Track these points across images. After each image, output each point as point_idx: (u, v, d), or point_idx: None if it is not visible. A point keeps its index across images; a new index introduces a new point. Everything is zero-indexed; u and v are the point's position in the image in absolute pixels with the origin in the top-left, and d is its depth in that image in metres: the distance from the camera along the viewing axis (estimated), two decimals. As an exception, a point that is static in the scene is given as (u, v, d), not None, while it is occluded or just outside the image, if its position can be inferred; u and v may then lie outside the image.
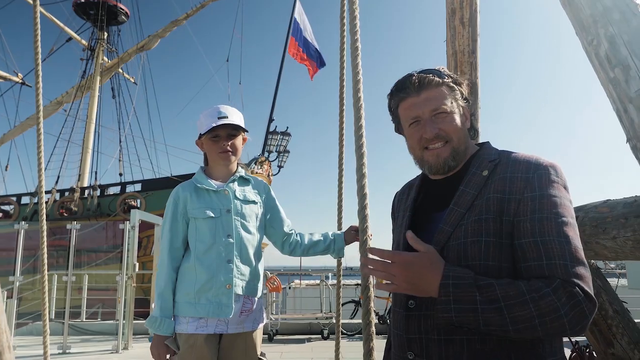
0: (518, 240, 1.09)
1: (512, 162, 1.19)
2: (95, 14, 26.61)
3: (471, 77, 3.08)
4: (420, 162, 1.31)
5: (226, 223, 1.90)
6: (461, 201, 1.18)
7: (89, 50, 26.88)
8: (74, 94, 25.45)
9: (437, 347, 1.12)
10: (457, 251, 1.13)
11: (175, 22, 24.71)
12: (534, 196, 1.10)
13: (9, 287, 7.24)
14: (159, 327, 1.83)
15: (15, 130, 26.09)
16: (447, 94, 1.26)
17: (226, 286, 1.84)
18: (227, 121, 1.91)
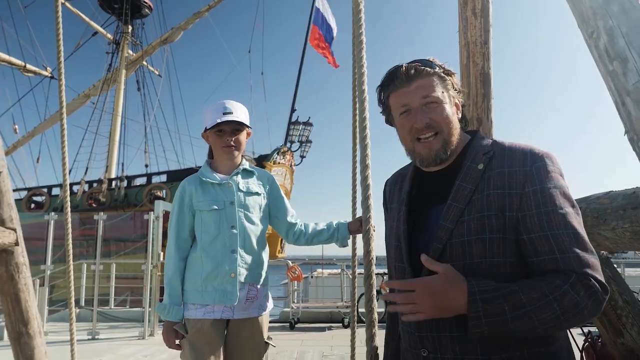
0: (527, 235, 1.11)
1: (508, 155, 1.18)
2: (120, 7, 27.04)
3: (484, 67, 3.08)
4: (411, 154, 1.30)
5: (230, 215, 1.98)
6: (459, 196, 1.18)
7: (114, 44, 27.38)
8: (100, 87, 25.99)
9: (451, 344, 1.13)
10: (462, 249, 1.13)
11: (197, 14, 24.90)
12: (536, 190, 1.12)
13: (40, 276, 7.51)
14: (168, 313, 1.95)
15: (45, 123, 26.76)
16: (438, 84, 1.25)
17: (231, 275, 1.92)
18: (231, 117, 1.98)
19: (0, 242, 3.53)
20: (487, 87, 3.09)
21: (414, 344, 1.20)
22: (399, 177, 1.44)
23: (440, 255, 1.15)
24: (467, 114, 1.34)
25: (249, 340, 1.99)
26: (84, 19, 26.78)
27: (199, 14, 24.91)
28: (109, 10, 27.58)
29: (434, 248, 1.17)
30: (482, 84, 3.08)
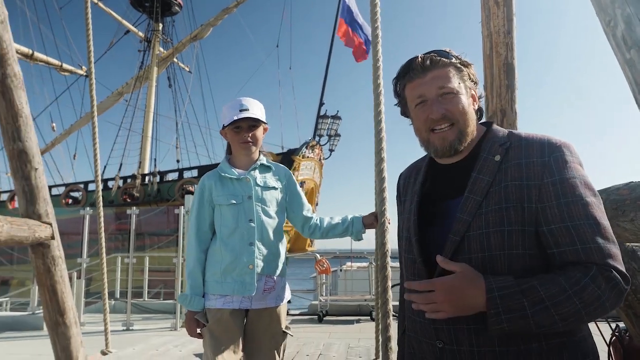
0: (547, 226, 1.10)
1: (525, 146, 1.17)
2: (151, 6, 27.52)
3: (507, 58, 3.04)
4: (426, 145, 1.28)
5: (248, 208, 2.04)
6: (476, 188, 1.16)
7: (145, 41, 27.91)
8: (133, 85, 26.56)
9: (467, 336, 1.13)
10: (480, 241, 1.12)
11: (226, 10, 25.13)
12: (555, 181, 1.10)
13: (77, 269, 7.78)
14: (189, 303, 2.03)
15: (81, 121, 27.53)
16: (454, 74, 1.23)
17: (249, 266, 1.99)
18: (248, 114, 2.04)
19: (36, 236, 3.69)
20: (510, 77, 3.05)
21: (428, 335, 1.20)
22: (413, 170, 1.43)
23: (457, 248, 1.14)
24: (482, 106, 1.32)
25: (267, 329, 2.06)
26: (116, 18, 27.37)
27: (228, 10, 25.13)
28: (140, 9, 28.13)
29: (451, 240, 1.15)
30: (505, 74, 3.04)
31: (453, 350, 1.14)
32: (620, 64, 1.42)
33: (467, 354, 1.12)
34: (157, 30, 27.82)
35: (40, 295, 4.02)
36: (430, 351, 1.20)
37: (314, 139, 19.34)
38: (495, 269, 1.10)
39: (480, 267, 1.10)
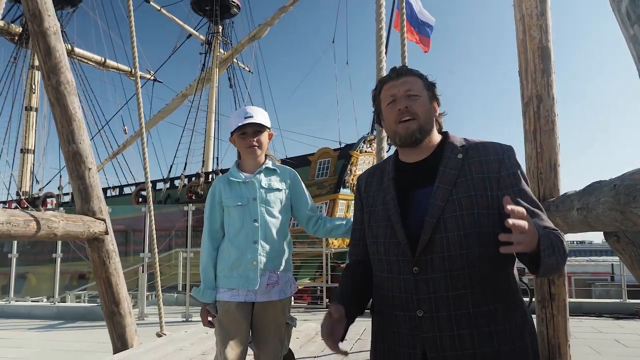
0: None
1: (482, 148, 1.43)
2: (211, 9, 28.42)
3: (541, 41, 2.91)
4: (393, 135, 1.50)
5: (253, 209, 2.18)
6: (445, 179, 1.39)
7: (206, 44, 28.87)
8: (196, 87, 27.56)
9: (446, 302, 1.31)
10: (455, 222, 1.34)
11: (282, 9, 25.50)
12: (509, 173, 1.38)
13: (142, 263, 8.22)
14: (202, 296, 2.18)
15: (149, 122, 28.93)
16: (420, 84, 1.50)
17: (252, 263, 2.12)
18: (252, 120, 2.20)
19: (91, 231, 3.97)
20: (546, 61, 2.92)
21: (408, 307, 1.35)
22: (375, 171, 1.63)
23: (434, 228, 1.34)
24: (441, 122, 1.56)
25: (271, 321, 2.17)
26: (178, 23, 28.50)
27: (284, 9, 25.48)
28: (201, 13, 29.12)
29: (428, 222, 1.35)
30: (540, 58, 2.91)
31: (432, 317, 1.32)
32: (625, 40, 1.34)
33: (445, 319, 1.31)
34: (217, 33, 28.71)
35: (97, 286, 4.32)
36: (407, 322, 1.36)
37: (371, 133, 19.26)
38: (469, 244, 1.32)
39: (457, 242, 1.32)
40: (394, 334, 1.40)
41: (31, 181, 29.01)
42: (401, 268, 1.37)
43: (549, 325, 3.28)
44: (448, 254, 1.31)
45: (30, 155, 29.37)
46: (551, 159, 3.03)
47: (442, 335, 1.31)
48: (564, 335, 3.31)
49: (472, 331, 1.29)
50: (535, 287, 3.28)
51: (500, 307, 1.31)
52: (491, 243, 1.28)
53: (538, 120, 3.00)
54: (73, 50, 31.06)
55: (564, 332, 3.36)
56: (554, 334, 3.28)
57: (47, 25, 3.70)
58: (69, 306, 8.93)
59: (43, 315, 8.31)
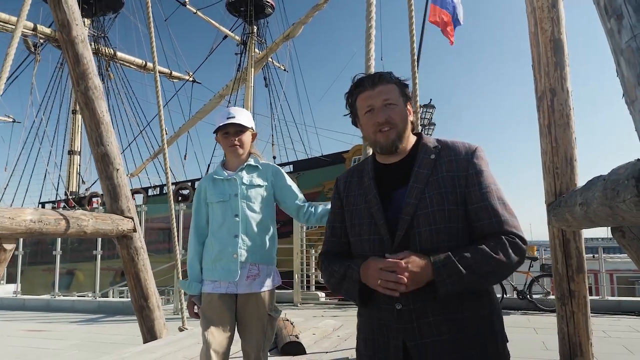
0: (471, 205, 1.45)
1: (452, 147, 1.53)
2: (245, 10, 28.80)
3: (554, 33, 2.86)
4: (373, 143, 1.60)
5: (234, 205, 2.29)
6: (418, 179, 1.49)
7: (241, 45, 29.28)
8: (232, 87, 28.01)
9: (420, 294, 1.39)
10: (427, 218, 1.44)
11: (316, 7, 25.52)
12: (477, 172, 1.48)
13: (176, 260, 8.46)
14: (188, 288, 2.32)
15: (188, 123, 29.64)
16: (396, 91, 1.57)
17: (233, 255, 2.23)
18: (233, 120, 2.31)
19: (120, 229, 4.16)
20: (559, 54, 2.87)
21: (389, 300, 1.43)
22: (354, 172, 1.71)
23: (409, 224, 1.45)
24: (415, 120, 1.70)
25: (253, 312, 2.26)
26: (214, 25, 29.02)
27: (318, 7, 25.50)
28: (236, 14, 29.54)
29: (403, 219, 1.46)
30: (553, 51, 2.86)
31: (410, 310, 1.42)
32: (605, 34, 1.33)
33: (420, 310, 1.41)
34: (252, 33, 29.07)
35: (127, 281, 4.52)
36: (389, 315, 1.45)
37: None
38: (439, 238, 1.42)
39: (429, 237, 1.42)
40: (380, 326, 1.48)
41: (78, 181, 30.27)
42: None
43: (569, 322, 3.23)
44: (420, 248, 1.40)
45: (77, 157, 30.64)
46: (567, 153, 2.97)
47: (419, 324, 1.41)
48: (585, 333, 3.25)
49: (444, 317, 1.40)
50: (554, 285, 3.23)
51: (468, 295, 1.41)
52: (459, 238, 1.44)
53: (552, 114, 2.96)
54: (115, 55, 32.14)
55: (585, 330, 3.29)
56: (575, 332, 3.22)
57: (75, 33, 3.90)
58: (109, 301, 9.34)
59: (85, 309, 8.73)
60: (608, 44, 1.34)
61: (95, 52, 29.98)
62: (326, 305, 9.20)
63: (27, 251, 19.05)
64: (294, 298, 9.31)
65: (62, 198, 28.43)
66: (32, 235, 3.16)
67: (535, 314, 7.56)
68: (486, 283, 1.43)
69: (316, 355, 3.51)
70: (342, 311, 8.17)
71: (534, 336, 5.78)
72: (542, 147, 3.05)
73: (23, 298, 10.09)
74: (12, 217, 2.96)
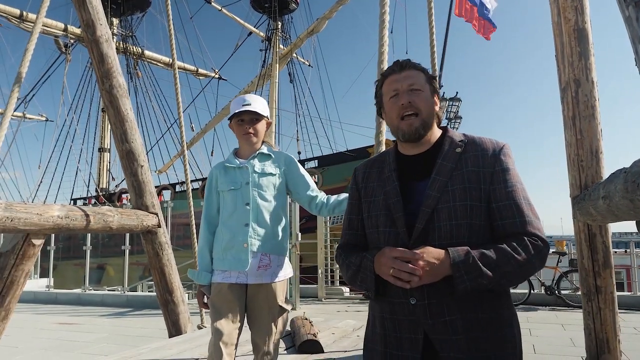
0: (496, 203, 1.41)
1: (479, 143, 1.49)
2: (270, 6, 28.86)
3: (577, 22, 2.78)
4: (395, 130, 1.55)
5: (245, 193, 2.26)
6: (442, 171, 1.44)
7: (266, 41, 29.36)
8: (257, 83, 28.14)
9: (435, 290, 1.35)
10: (448, 212, 1.39)
11: (340, 2, 25.39)
12: (503, 169, 1.44)
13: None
14: (197, 277, 2.30)
15: (214, 120, 29.90)
16: (423, 78, 1.53)
17: (243, 245, 2.20)
18: (249, 108, 2.27)
19: (144, 224, 4.24)
20: (583, 43, 2.79)
21: (404, 295, 1.40)
22: (374, 162, 1.67)
23: (429, 217, 1.40)
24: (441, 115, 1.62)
25: (263, 303, 2.24)
26: (239, 22, 29.18)
27: (342, 2, 25.36)
28: (260, 10, 29.64)
29: (423, 212, 1.41)
30: (577, 41, 2.79)
31: (424, 305, 1.37)
32: (623, 21, 1.29)
33: (436, 307, 1.36)
34: (276, 29, 29.13)
35: (153, 276, 4.61)
36: (403, 309, 1.41)
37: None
38: (460, 234, 1.37)
39: (449, 232, 1.37)
40: (393, 320, 1.44)
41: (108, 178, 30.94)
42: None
43: (596, 319, 3.15)
44: (439, 243, 1.35)
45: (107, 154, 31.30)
46: (592, 145, 2.89)
47: (434, 322, 1.35)
48: (612, 330, 3.17)
49: (461, 317, 1.35)
50: (580, 280, 3.16)
51: (487, 295, 1.37)
52: (480, 235, 1.39)
53: (577, 105, 2.88)
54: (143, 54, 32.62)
55: (612, 327, 3.21)
56: (602, 328, 3.15)
57: (99, 33, 3.98)
58: (137, 295, 9.54)
59: (114, 303, 8.94)
60: (627, 32, 1.30)
61: (124, 51, 30.50)
62: (350, 300, 9.20)
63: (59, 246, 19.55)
64: (318, 293, 9.34)
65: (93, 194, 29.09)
66: (60, 230, 3.24)
67: (563, 309, 7.42)
68: (506, 284, 1.36)
69: (334, 354, 3.51)
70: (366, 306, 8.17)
71: (561, 332, 5.67)
72: (567, 140, 2.97)
73: (55, 292, 10.40)
74: (40, 214, 3.05)
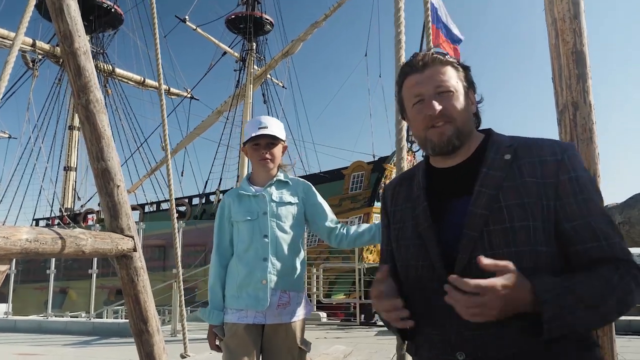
0: (568, 223, 1.08)
1: (534, 146, 1.16)
2: (245, 27, 28.98)
3: (575, 45, 2.75)
4: (423, 143, 1.23)
5: (263, 224, 2.06)
6: (488, 183, 1.13)
7: (241, 61, 29.39)
8: (230, 103, 28.03)
9: (493, 342, 1.05)
10: (504, 235, 1.07)
11: (315, 25, 25.70)
12: (571, 177, 1.10)
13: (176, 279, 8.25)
14: (209, 317, 2.08)
15: (186, 139, 29.55)
16: (452, 74, 1.21)
17: (262, 281, 1.99)
18: (266, 131, 2.08)
19: (119, 249, 3.95)
20: (581, 66, 2.74)
21: (445, 349, 1.11)
22: (403, 180, 1.38)
23: (475, 244, 1.08)
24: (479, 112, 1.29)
25: (282, 345, 2.04)
26: (213, 42, 29.12)
27: (317, 24, 25.68)
28: (235, 31, 29.75)
29: (468, 236, 1.09)
30: (575, 63, 2.74)
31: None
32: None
33: None
34: (251, 50, 29.20)
35: (126, 304, 4.33)
36: None
37: (405, 145, 19.05)
38: (522, 267, 1.00)
39: None
40: None
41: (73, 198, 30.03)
42: (438, 299, 1.05)
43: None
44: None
45: (73, 173, 30.46)
46: (590, 169, 2.84)
47: None
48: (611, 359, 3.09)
49: None
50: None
51: (569, 347, 1.04)
52: (550, 265, 1.06)
53: (575, 128, 2.82)
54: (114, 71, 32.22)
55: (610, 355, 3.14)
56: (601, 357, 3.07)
57: (77, 45, 3.75)
58: (104, 322, 9.07)
59: (79, 331, 8.46)
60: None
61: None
62: (328, 325, 8.98)
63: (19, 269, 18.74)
64: (295, 318, 9.09)
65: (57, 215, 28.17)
66: (28, 255, 2.97)
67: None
68: (600, 324, 1.09)
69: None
70: (345, 332, 7.97)
71: None
72: (564, 164, 2.93)
73: (14, 319, 9.81)
74: (7, 237, 2.77)
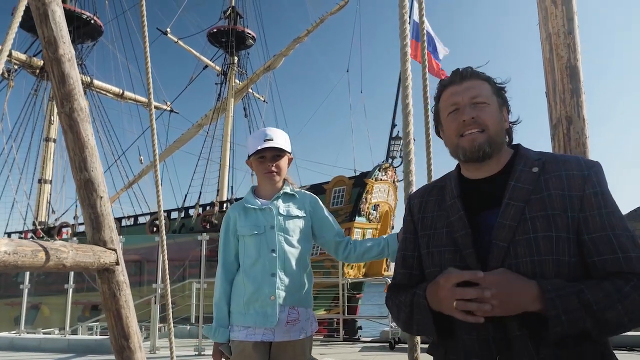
0: (589, 234, 1.15)
1: (562, 161, 1.24)
2: (226, 41, 28.95)
3: (569, 60, 2.78)
4: (454, 150, 1.31)
5: (270, 238, 2.01)
6: (516, 195, 1.20)
7: (222, 75, 29.31)
8: (211, 116, 27.86)
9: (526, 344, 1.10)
10: (529, 245, 1.14)
11: (297, 40, 25.84)
12: (596, 192, 1.18)
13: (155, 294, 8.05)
14: (214, 334, 2.02)
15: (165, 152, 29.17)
16: (488, 88, 1.31)
17: (270, 297, 1.94)
18: (272, 144, 2.05)
19: (102, 262, 3.83)
20: (575, 81, 2.78)
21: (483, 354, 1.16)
22: (432, 189, 1.43)
23: (505, 253, 1.16)
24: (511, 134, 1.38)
25: None
26: (195, 55, 29.02)
27: (299, 40, 25.83)
28: (217, 45, 29.70)
29: (497, 247, 1.16)
30: (569, 78, 2.77)
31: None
32: None
33: None
34: (232, 64, 29.17)
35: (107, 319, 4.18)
36: None
37: (386, 161, 19.16)
38: (544, 274, 1.11)
39: (530, 272, 1.12)
40: None
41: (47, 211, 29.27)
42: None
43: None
44: None
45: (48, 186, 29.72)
46: (584, 184, 2.87)
47: None
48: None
49: None
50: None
51: (590, 349, 1.10)
52: (571, 274, 1.12)
53: (568, 142, 2.84)
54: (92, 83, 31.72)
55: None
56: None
57: (61, 52, 3.66)
58: (80, 339, 8.77)
59: (54, 349, 8.14)
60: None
61: (72, 80, 29.62)
62: (310, 341, 8.86)
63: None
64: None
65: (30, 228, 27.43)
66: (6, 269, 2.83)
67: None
68: (608, 333, 1.09)
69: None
70: (329, 348, 7.87)
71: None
72: (558, 178, 2.94)
73: (-16, 336, 9.44)
74: (-15, 249, 2.66)
